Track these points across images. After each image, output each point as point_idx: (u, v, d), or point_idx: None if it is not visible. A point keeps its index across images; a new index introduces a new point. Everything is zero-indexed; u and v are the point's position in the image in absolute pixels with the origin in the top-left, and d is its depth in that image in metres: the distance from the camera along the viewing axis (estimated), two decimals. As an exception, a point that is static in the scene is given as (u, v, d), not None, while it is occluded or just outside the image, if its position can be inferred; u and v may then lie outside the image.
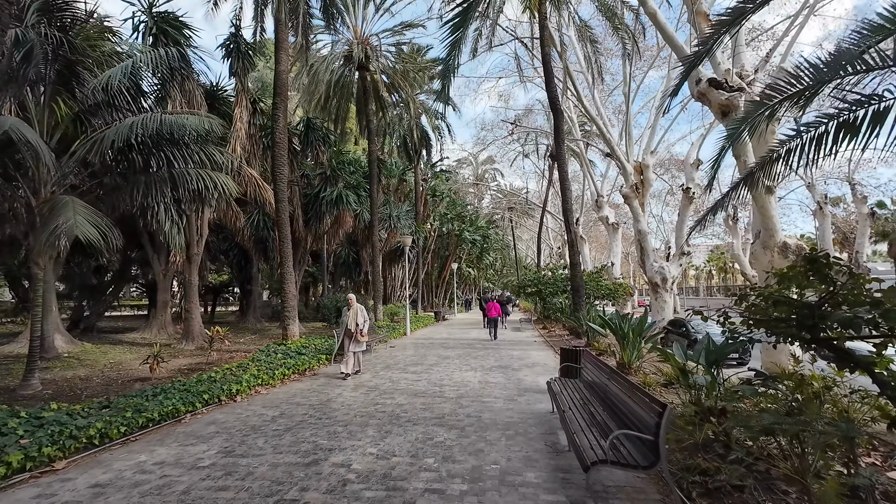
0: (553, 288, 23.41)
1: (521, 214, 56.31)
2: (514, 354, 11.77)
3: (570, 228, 14.80)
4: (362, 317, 8.64)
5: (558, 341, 14.53)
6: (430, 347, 13.55)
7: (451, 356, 11.53)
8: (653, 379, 7.57)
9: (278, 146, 11.99)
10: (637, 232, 20.16)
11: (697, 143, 20.58)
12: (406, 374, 8.90)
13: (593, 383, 5.26)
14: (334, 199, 17.19)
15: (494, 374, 8.91)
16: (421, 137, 27.07)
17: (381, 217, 22.83)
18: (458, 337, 16.91)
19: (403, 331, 18.20)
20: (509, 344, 14.30)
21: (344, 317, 8.84)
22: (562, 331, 18.60)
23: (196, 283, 13.45)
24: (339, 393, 7.32)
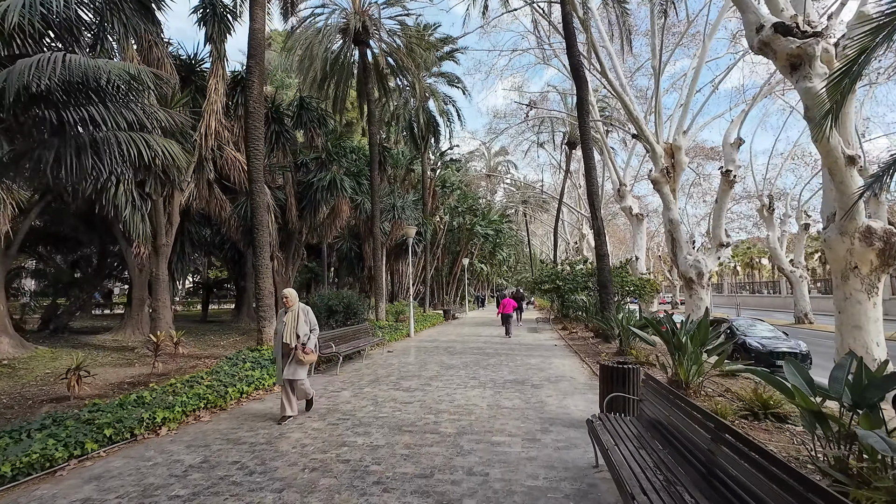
0: (573, 284, 21.31)
1: (535, 208, 54.03)
2: (533, 363, 9.80)
3: (595, 214, 12.75)
4: (306, 323, 5.69)
5: (583, 346, 12.51)
6: (434, 353, 11.66)
7: (457, 365, 9.62)
8: (724, 405, 5.55)
9: (252, 116, 10.19)
10: (668, 221, 17.92)
11: (738, 121, 18.21)
12: (396, 393, 7.01)
13: (667, 429, 3.30)
14: (327, 184, 15.39)
15: (509, 392, 6.97)
16: (428, 123, 25.16)
17: (385, 208, 21.01)
18: (467, 339, 14.99)
19: (407, 332, 16.37)
20: (526, 349, 12.33)
21: (279, 323, 5.75)
22: (584, 332, 16.52)
23: (165, 279, 11.80)
24: (300, 424, 5.47)
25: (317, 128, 17.51)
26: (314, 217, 17.22)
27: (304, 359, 5.51)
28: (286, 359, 5.56)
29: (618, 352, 10.34)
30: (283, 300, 5.75)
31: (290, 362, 5.52)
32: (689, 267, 16.67)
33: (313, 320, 5.85)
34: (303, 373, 5.63)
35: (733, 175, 17.33)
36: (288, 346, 5.54)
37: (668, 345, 6.66)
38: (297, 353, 5.49)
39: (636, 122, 18.30)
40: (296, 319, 5.63)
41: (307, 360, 5.56)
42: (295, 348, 5.51)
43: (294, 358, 5.51)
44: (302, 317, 5.68)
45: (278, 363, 5.67)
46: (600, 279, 12.57)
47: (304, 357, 5.52)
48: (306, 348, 5.56)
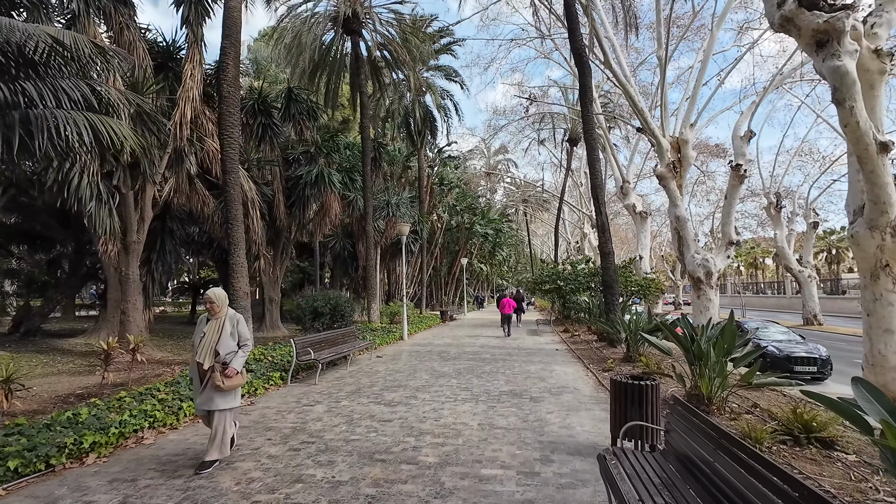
0: (574, 284, 20.44)
1: (535, 208, 53.17)
2: (532, 371, 8.94)
3: (600, 210, 11.91)
4: (233, 336, 4.28)
5: (586, 350, 11.66)
6: (426, 358, 10.81)
7: (449, 373, 8.77)
8: (757, 427, 4.70)
9: (227, 101, 9.36)
10: (674, 218, 17.06)
11: (748, 113, 17.36)
12: (376, 408, 6.17)
13: (706, 475, 2.46)
14: (314, 179, 14.54)
15: (504, 407, 6.11)
16: (424, 118, 24.34)
17: (379, 205, 20.19)
18: (463, 342, 14.14)
19: (400, 334, 15.53)
20: (525, 354, 11.48)
21: (196, 334, 4.34)
22: (587, 335, 15.67)
23: (136, 279, 10.97)
24: (256, 449, 4.63)
25: (306, 120, 16.68)
26: (303, 214, 16.39)
27: (223, 384, 4.06)
28: (205, 383, 4.19)
29: (625, 358, 9.49)
30: (208, 305, 4.33)
31: (206, 388, 4.16)
32: (696, 266, 15.84)
33: (245, 333, 4.38)
34: (224, 401, 4.18)
35: (744, 169, 16.49)
36: (202, 366, 4.14)
37: (686, 353, 5.80)
38: (215, 377, 4.07)
39: (641, 114, 17.47)
40: (219, 331, 4.22)
41: (228, 385, 4.10)
42: (211, 370, 4.11)
43: (211, 383, 4.10)
44: (228, 328, 4.26)
45: (195, 387, 4.29)
46: (605, 279, 11.73)
47: (225, 382, 4.08)
48: (228, 370, 4.10)
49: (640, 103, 17.43)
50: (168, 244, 15.17)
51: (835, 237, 50.65)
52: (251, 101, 15.95)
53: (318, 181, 14.47)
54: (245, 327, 4.42)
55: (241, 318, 4.41)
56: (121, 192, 10.42)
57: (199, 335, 4.28)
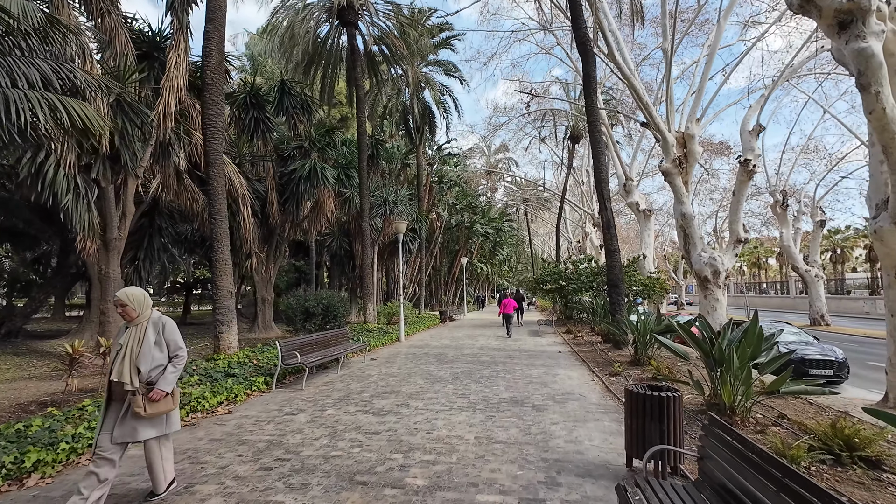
0: (577, 284, 19.90)
1: (537, 207, 52.58)
2: (535, 375, 8.39)
3: (605, 205, 11.35)
4: (159, 347, 3.36)
5: (590, 352, 11.11)
6: (422, 361, 10.26)
7: (445, 377, 8.22)
8: (788, 441, 4.16)
9: (210, 89, 8.83)
10: (680, 216, 16.51)
11: (757, 106, 16.79)
12: (363, 417, 5.62)
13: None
14: (308, 174, 13.99)
15: (504, 417, 5.57)
16: (423, 113, 23.80)
17: (376, 202, 19.65)
18: (462, 344, 13.59)
19: (396, 335, 14.99)
20: (527, 356, 10.92)
21: (112, 345, 3.46)
22: (591, 336, 15.11)
23: (117, 277, 10.44)
24: (223, 468, 4.08)
25: (300, 115, 16.14)
26: (297, 211, 15.86)
27: (144, 411, 3.16)
28: (118, 407, 3.25)
29: (632, 361, 8.94)
30: (119, 309, 3.30)
31: (125, 414, 3.21)
32: (703, 265, 15.30)
33: (176, 342, 3.41)
34: (153, 427, 3.29)
35: (752, 164, 15.95)
36: (121, 386, 3.20)
37: (705, 357, 5.25)
38: (135, 402, 3.15)
39: (645, 107, 16.92)
40: (139, 341, 3.26)
41: (152, 412, 3.18)
42: (133, 394, 3.16)
43: (130, 408, 3.18)
44: (151, 336, 3.29)
45: (105, 415, 3.29)
46: (610, 278, 11.18)
47: (147, 409, 3.17)
48: (154, 393, 3.20)
49: (644, 97, 16.90)
50: (156, 242, 14.67)
51: (839, 236, 50.03)
52: (243, 95, 15.43)
53: (311, 176, 13.92)
54: (175, 333, 3.45)
55: (168, 323, 3.44)
56: (100, 186, 9.89)
57: (114, 347, 3.34)
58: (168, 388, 3.30)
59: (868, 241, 48.05)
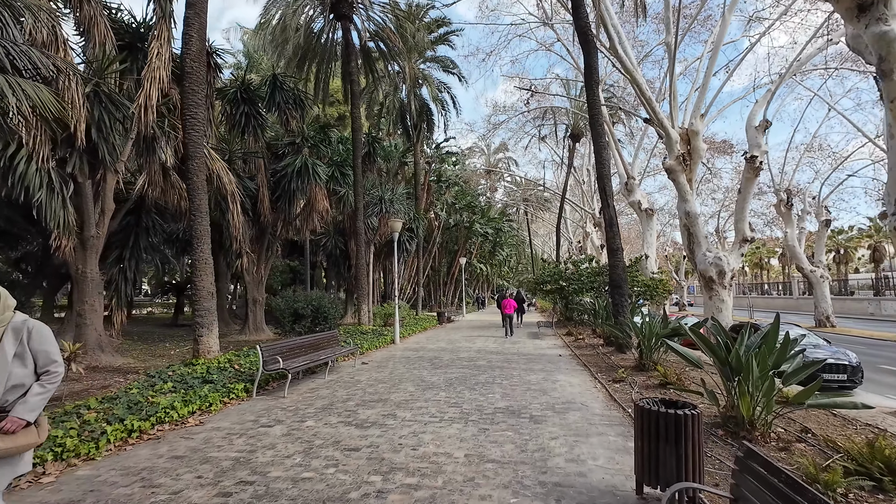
0: (578, 284, 19.42)
1: (537, 207, 52.08)
2: (533, 381, 7.89)
3: (607, 202, 10.87)
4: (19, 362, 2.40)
5: (592, 356, 10.61)
6: (415, 365, 9.77)
7: (438, 384, 7.72)
8: (818, 462, 3.66)
9: (190, 78, 8.36)
10: (684, 214, 16.03)
11: (764, 101, 16.31)
12: (344, 430, 5.13)
13: None
14: (298, 170, 13.50)
15: (498, 430, 5.08)
16: (421, 111, 23.34)
17: (372, 201, 19.17)
18: (458, 347, 13.10)
19: (391, 338, 14.50)
20: (525, 360, 10.43)
21: None
22: (592, 338, 14.62)
23: (95, 278, 9.95)
24: (174, 495, 3.60)
25: (292, 110, 15.65)
26: (289, 209, 15.36)
27: None
28: None
29: (637, 366, 8.44)
30: None
31: None
32: (708, 265, 14.82)
33: (47, 354, 2.50)
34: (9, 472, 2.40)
35: (759, 161, 15.46)
36: None
37: (721, 365, 4.76)
38: None
39: (648, 103, 16.44)
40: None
41: (5, 448, 2.27)
42: None
43: None
44: (10, 347, 2.39)
45: None
46: (613, 278, 10.68)
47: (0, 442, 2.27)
48: (7, 422, 2.30)
49: (647, 92, 16.42)
50: (143, 241, 14.16)
51: (842, 237, 49.52)
52: (234, 90, 14.97)
53: (302, 173, 13.43)
54: (47, 342, 2.52)
55: (36, 328, 2.51)
56: (76, 181, 9.40)
57: None
58: (30, 415, 2.38)
59: (872, 242, 47.53)
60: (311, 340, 9.02)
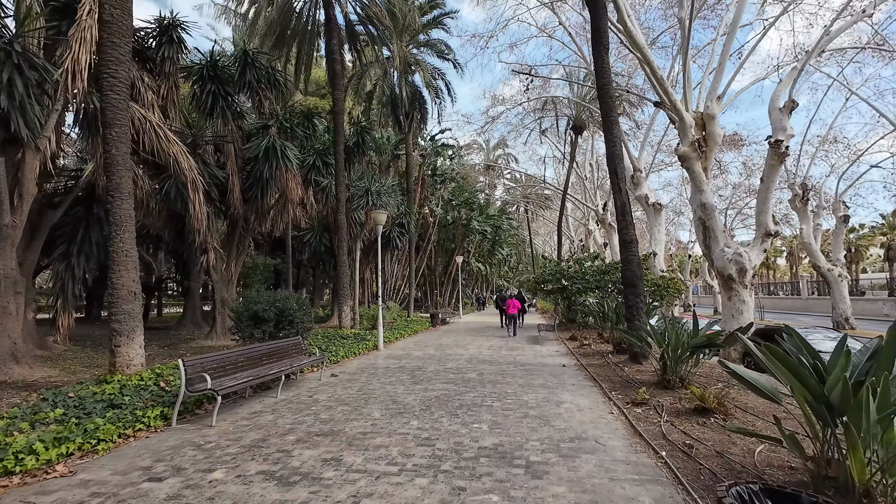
0: (581, 284, 17.84)
1: (537, 205, 50.49)
2: (532, 403, 6.32)
3: (619, 186, 9.30)
4: None
5: (601, 366, 9.04)
6: (392, 378, 8.20)
7: (413, 406, 6.16)
8: None
9: (110, 28, 6.78)
10: (699, 206, 14.48)
11: (789, 80, 14.72)
12: (258, 489, 3.57)
13: None
14: (266, 153, 11.93)
15: (480, 495, 3.51)
16: (413, 98, 21.77)
17: (357, 192, 17.61)
18: (448, 354, 11.53)
19: (374, 343, 12.95)
20: (523, 371, 8.85)
21: None
22: (599, 343, 13.05)
23: (11, 275, 8.37)
24: None
25: (266, 90, 14.11)
26: (262, 200, 13.81)
27: None
28: None
29: (660, 382, 6.86)
30: None
31: None
32: (727, 262, 13.26)
33: None
34: None
35: (784, 146, 13.90)
36: None
37: (814, 400, 3.18)
38: None
39: (660, 84, 14.88)
40: None
41: None
42: None
43: None
44: None
45: None
46: (626, 275, 9.11)
47: None
48: None
49: (658, 70, 14.86)
50: (94, 234, 12.64)
51: (853, 235, 47.88)
52: (200, 67, 13.45)
53: (269, 157, 11.84)
54: None
55: None
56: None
57: None
58: None
59: (886, 240, 45.86)
60: (266, 350, 7.48)
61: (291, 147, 12.15)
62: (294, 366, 7.37)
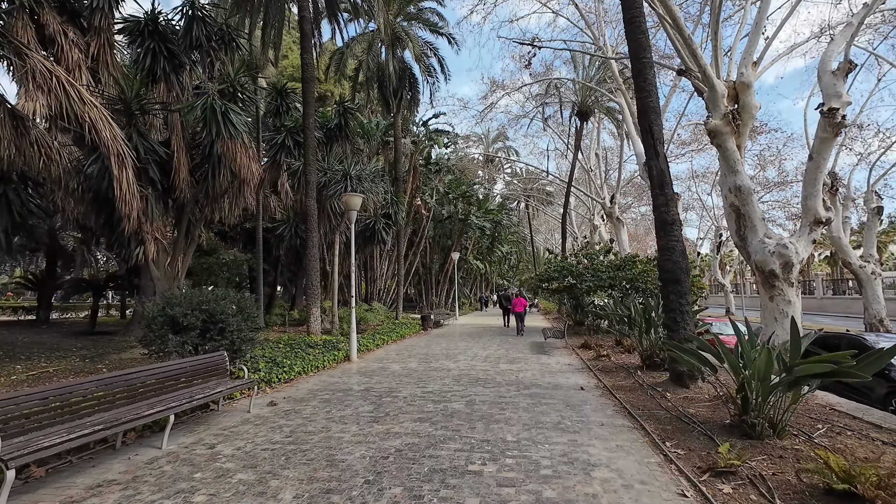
0: (593, 281, 15.54)
1: (539, 200, 48.12)
2: (546, 463, 4.01)
3: (655, 149, 7.02)
4: None
5: (633, 391, 6.73)
6: (348, 412, 5.89)
7: (356, 472, 3.85)
8: None
9: None
10: (732, 189, 12.17)
11: (842, 39, 12.35)
12: None
13: None
14: (203, 115, 9.59)
15: None
16: (402, 74, 19.45)
17: (334, 176, 15.31)
18: (433, 369, 9.22)
19: (346, 352, 10.66)
20: (530, 400, 6.54)
21: None
22: (619, 352, 10.73)
23: None
24: None
25: (219, 49, 11.82)
26: (212, 182, 11.48)
27: None
28: None
29: (736, 426, 4.55)
30: None
31: None
32: (768, 255, 10.94)
33: None
34: None
35: (841, 115, 11.55)
36: None
37: None
38: None
39: (687, 44, 12.54)
40: None
41: None
42: None
43: None
44: None
45: None
46: (666, 267, 6.81)
47: None
48: None
49: (685, 29, 12.51)
50: (3, 220, 10.37)
51: (872, 231, 45.39)
52: (137, 20, 11.17)
53: (209, 121, 9.48)
54: None
55: None
56: None
57: None
58: None
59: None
60: (160, 373, 5.19)
61: (237, 110, 9.80)
62: (198, 398, 5.05)
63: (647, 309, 8.92)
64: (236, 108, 9.88)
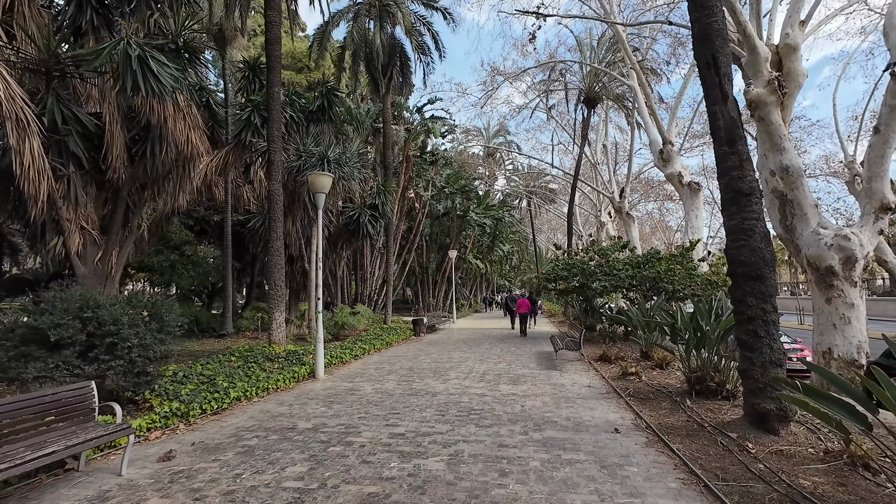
0: (609, 280, 13.44)
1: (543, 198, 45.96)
2: None
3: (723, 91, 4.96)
4: None
5: (693, 437, 4.61)
6: (270, 476, 3.84)
7: None
8: None
9: None
10: (778, 171, 10.09)
11: (914, -14, 10.31)
12: None
13: None
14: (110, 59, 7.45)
15: None
16: (391, 50, 17.40)
17: (309, 160, 13.28)
18: (418, 391, 7.15)
19: (311, 367, 8.60)
20: (543, 453, 4.47)
21: None
22: (649, 368, 8.64)
23: None
24: None
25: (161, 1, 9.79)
26: (152, 160, 9.43)
27: None
28: None
29: None
30: None
31: None
32: (825, 249, 8.84)
33: None
34: None
35: (918, 76, 9.43)
36: None
37: None
38: None
39: None
40: None
41: None
42: None
43: None
44: None
45: None
46: (738, 258, 4.73)
47: None
48: None
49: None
50: None
51: (893, 229, 43.28)
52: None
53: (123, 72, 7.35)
54: None
55: None
56: None
57: None
58: None
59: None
60: None
61: (163, 60, 7.70)
62: (18, 462, 2.99)
63: (694, 316, 6.82)
64: (161, 56, 7.78)
